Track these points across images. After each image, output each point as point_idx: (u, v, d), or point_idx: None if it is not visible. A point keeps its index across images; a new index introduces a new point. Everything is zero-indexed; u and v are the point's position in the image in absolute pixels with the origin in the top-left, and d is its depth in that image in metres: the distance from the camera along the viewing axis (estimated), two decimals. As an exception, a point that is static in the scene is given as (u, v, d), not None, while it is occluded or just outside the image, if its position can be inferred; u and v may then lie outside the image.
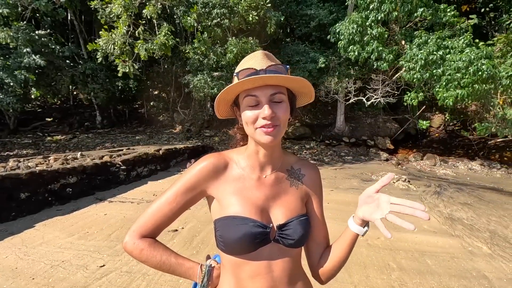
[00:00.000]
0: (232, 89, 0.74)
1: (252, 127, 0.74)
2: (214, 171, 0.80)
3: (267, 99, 0.72)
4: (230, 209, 0.77)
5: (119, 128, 14.04)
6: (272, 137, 0.72)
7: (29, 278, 2.54)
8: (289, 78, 0.72)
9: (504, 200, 5.36)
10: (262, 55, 0.78)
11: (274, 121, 0.72)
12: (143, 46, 7.89)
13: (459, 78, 6.86)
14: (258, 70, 0.73)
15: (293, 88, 0.79)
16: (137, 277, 2.56)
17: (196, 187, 0.80)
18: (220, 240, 0.77)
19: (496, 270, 2.80)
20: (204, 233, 3.54)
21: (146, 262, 0.79)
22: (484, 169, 8.55)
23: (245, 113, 0.74)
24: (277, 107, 0.73)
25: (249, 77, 0.70)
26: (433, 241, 3.42)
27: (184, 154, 8.40)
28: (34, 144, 10.49)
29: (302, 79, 0.73)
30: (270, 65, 0.74)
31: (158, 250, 0.79)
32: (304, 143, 11.57)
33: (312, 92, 0.80)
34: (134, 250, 0.78)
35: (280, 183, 0.84)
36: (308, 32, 11.22)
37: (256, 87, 0.73)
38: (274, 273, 0.77)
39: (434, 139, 12.38)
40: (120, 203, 4.67)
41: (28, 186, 4.08)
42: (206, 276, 0.81)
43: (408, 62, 7.71)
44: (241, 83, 0.70)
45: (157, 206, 0.80)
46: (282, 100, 0.74)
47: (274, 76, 0.69)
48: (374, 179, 6.83)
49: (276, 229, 0.78)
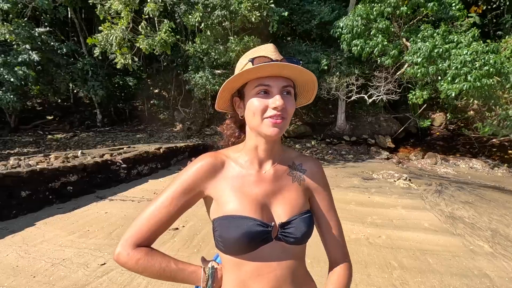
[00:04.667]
0: (248, 74, 0.70)
1: (259, 117, 0.71)
2: (211, 170, 0.77)
3: (279, 90, 0.71)
4: (229, 207, 0.74)
5: (119, 127, 14.05)
6: (278, 129, 0.71)
7: (30, 276, 2.54)
8: (305, 71, 0.71)
9: (506, 199, 5.34)
10: (274, 48, 0.76)
11: (283, 112, 0.71)
12: (144, 41, 7.88)
13: (466, 72, 6.80)
14: (274, 59, 0.71)
15: (300, 85, 0.79)
16: (137, 276, 2.55)
17: (193, 188, 0.76)
18: (219, 240, 0.73)
19: (498, 269, 2.78)
20: (205, 232, 3.53)
21: (144, 273, 0.73)
22: (485, 168, 8.52)
23: (253, 102, 0.72)
24: (287, 100, 0.72)
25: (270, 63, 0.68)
26: (434, 240, 3.41)
27: (184, 152, 8.39)
28: (35, 142, 10.51)
29: (313, 75, 0.73)
30: (284, 57, 0.73)
31: (156, 258, 0.74)
32: (304, 142, 11.56)
33: (314, 92, 0.80)
34: (128, 261, 0.72)
35: (281, 179, 0.81)
36: (309, 29, 11.17)
37: (269, 77, 0.71)
38: (277, 272, 0.74)
39: (435, 137, 12.35)
40: (121, 202, 4.67)
41: (29, 184, 4.08)
42: (210, 278, 0.77)
43: (412, 56, 7.66)
44: (258, 68, 0.67)
45: (152, 210, 0.74)
46: (290, 93, 0.74)
47: (293, 66, 0.68)
48: (375, 178, 6.82)
49: (278, 227, 0.75)
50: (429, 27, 7.91)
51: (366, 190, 5.66)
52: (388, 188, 5.84)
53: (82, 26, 13.45)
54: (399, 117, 12.35)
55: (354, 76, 10.02)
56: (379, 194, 5.33)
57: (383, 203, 4.81)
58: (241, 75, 0.71)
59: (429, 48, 7.25)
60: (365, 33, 8.27)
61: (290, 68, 0.69)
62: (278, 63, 0.68)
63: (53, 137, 11.28)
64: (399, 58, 8.46)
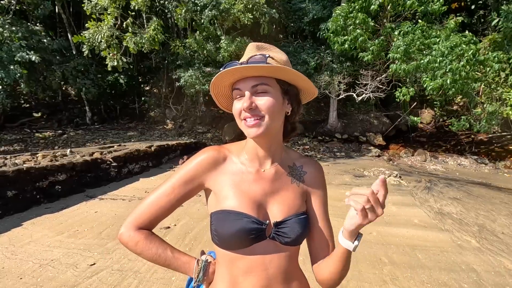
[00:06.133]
0: (217, 82, 0.75)
1: (239, 120, 0.74)
2: (213, 164, 0.79)
3: (249, 91, 0.71)
4: (226, 203, 0.75)
5: (109, 125, 13.80)
6: (255, 130, 0.71)
7: (16, 277, 2.48)
8: (264, 68, 0.69)
9: (492, 195, 5.48)
10: (252, 47, 0.77)
11: (255, 112, 0.71)
12: (132, 39, 7.74)
13: (446, 64, 6.93)
14: (240, 62, 0.72)
15: (283, 78, 0.75)
16: (128, 275, 2.52)
17: (194, 179, 0.79)
18: (215, 234, 0.75)
19: (485, 263, 2.86)
20: (196, 230, 3.51)
21: (141, 254, 0.78)
22: (473, 164, 8.73)
23: (234, 105, 0.76)
24: (258, 99, 0.71)
25: (225, 69, 0.70)
26: (423, 236, 3.48)
27: (176, 150, 8.31)
28: (21, 140, 10.24)
29: (279, 66, 0.69)
30: (251, 56, 0.72)
31: (154, 242, 0.78)
32: (296, 139, 11.60)
33: (306, 81, 0.76)
34: (129, 241, 0.77)
35: (280, 178, 0.82)
36: (301, 27, 11.19)
37: (240, 80, 0.73)
38: (269, 270, 0.75)
39: (425, 135, 12.57)
40: (111, 201, 4.60)
41: (15, 183, 3.97)
42: (202, 271, 0.79)
43: (394, 53, 7.78)
44: (219, 76, 0.71)
45: (155, 197, 0.78)
46: (266, 91, 0.72)
47: (249, 67, 0.68)
48: (366, 175, 6.90)
49: (273, 226, 0.76)
50: (408, 24, 8.04)
51: (357, 187, 5.72)
52: (379, 185, 5.91)
53: (70, 22, 13.14)
54: (390, 115, 12.52)
55: (341, 75, 10.10)
56: (370, 191, 5.39)
57: (374, 200, 4.87)
58: (212, 85, 0.76)
59: (406, 43, 7.38)
60: (345, 29, 8.39)
61: (248, 69, 0.69)
62: (233, 68, 0.68)
63: (40, 135, 11.01)
64: (381, 55, 8.56)
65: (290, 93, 0.78)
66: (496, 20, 7.79)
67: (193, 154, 0.82)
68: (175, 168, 7.16)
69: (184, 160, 7.58)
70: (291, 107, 0.80)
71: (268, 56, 0.72)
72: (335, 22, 8.40)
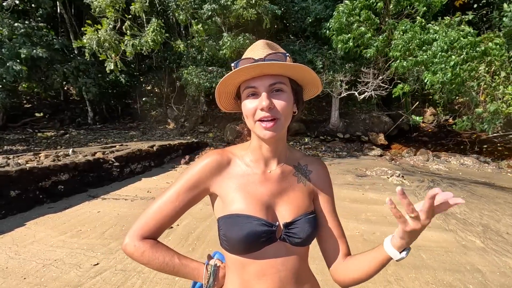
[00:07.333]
0: (229, 80, 0.70)
1: (252, 120, 0.71)
2: (217, 168, 0.77)
3: (266, 89, 0.69)
4: (234, 206, 0.73)
5: (111, 124, 13.82)
6: (271, 133, 0.69)
7: (20, 277, 2.48)
8: (288, 66, 0.68)
9: (496, 195, 5.44)
10: (263, 44, 0.74)
11: (273, 113, 0.68)
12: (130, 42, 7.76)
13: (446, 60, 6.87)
14: (256, 59, 0.70)
15: (297, 78, 0.75)
16: (132, 275, 2.52)
17: (199, 185, 0.77)
18: (224, 239, 0.73)
19: (490, 264, 2.83)
20: (199, 230, 3.51)
21: (148, 264, 0.75)
22: (476, 164, 8.68)
23: (245, 105, 0.72)
24: (276, 98, 0.69)
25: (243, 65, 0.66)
26: (427, 236, 3.45)
27: (178, 150, 8.31)
28: (24, 140, 10.27)
29: (302, 66, 0.68)
30: (269, 54, 0.70)
31: (161, 251, 0.76)
32: (298, 139, 11.58)
33: (317, 80, 0.75)
34: (135, 252, 0.75)
35: (287, 179, 0.80)
36: (303, 27, 11.16)
37: (255, 77, 0.69)
38: (281, 273, 0.73)
39: (427, 134, 12.52)
40: (114, 200, 4.60)
41: (18, 183, 3.98)
42: (212, 276, 0.78)
43: (395, 52, 7.75)
44: (236, 72, 0.67)
45: (159, 205, 0.76)
46: (282, 90, 0.70)
47: (271, 64, 0.66)
48: (369, 175, 6.88)
49: (283, 227, 0.74)
50: (407, 21, 8.02)
51: (360, 187, 5.70)
52: (381, 185, 5.90)
53: (72, 21, 13.15)
54: (392, 114, 12.46)
55: (342, 73, 10.06)
56: (373, 191, 5.37)
57: (377, 199, 4.85)
58: (225, 82, 0.71)
59: (405, 39, 7.35)
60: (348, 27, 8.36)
61: (271, 66, 0.66)
62: (255, 64, 0.66)
63: (43, 135, 11.04)
64: (386, 51, 8.53)
65: (298, 93, 0.77)
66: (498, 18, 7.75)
67: (195, 154, 0.81)
68: (177, 168, 7.16)
69: (186, 160, 7.57)
70: (297, 107, 0.78)
71: (287, 55, 0.71)
72: (337, 19, 8.35)
